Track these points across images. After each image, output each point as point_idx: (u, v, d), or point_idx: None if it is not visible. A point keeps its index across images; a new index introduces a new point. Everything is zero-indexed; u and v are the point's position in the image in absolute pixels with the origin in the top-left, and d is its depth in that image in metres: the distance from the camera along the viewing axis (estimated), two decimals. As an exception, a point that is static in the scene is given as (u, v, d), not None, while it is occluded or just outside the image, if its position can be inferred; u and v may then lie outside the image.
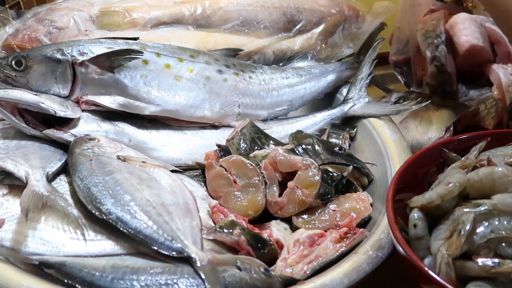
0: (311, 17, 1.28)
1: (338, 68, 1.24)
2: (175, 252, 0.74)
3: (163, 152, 1.01)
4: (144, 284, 0.71)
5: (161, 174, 0.89)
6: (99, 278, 0.71)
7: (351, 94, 1.16)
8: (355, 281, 0.73)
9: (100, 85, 1.00)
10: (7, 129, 0.96)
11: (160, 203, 0.80)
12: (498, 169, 0.73)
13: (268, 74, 1.16)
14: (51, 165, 0.88)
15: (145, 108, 1.02)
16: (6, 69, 0.96)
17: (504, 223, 0.69)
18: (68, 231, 0.78)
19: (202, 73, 1.07)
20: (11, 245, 0.76)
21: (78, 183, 0.83)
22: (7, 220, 0.80)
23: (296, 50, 1.25)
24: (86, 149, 0.89)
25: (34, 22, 1.14)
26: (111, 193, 0.80)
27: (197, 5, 1.21)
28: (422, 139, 1.10)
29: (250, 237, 0.79)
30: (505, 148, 0.82)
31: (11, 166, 0.85)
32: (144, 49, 1.03)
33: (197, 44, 1.16)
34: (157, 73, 1.03)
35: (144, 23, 1.17)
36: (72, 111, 0.96)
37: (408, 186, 0.80)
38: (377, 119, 1.10)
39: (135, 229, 0.76)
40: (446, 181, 0.74)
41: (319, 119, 1.14)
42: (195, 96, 1.05)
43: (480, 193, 0.74)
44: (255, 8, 1.24)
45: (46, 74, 0.98)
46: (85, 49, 0.99)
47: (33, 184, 0.81)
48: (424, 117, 1.14)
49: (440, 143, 0.88)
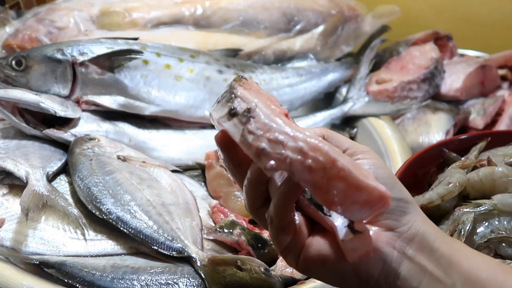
0: (311, 17, 1.28)
1: (338, 68, 1.24)
2: (175, 252, 0.74)
3: (163, 152, 1.01)
4: (144, 283, 0.71)
5: (161, 174, 0.89)
6: (99, 277, 0.71)
7: (351, 94, 1.16)
8: (355, 281, 0.73)
9: (100, 85, 1.00)
10: (7, 129, 0.96)
11: (160, 203, 0.80)
12: (498, 169, 0.73)
13: (268, 74, 1.16)
14: (51, 164, 0.88)
15: (145, 108, 1.02)
16: (6, 69, 0.97)
17: (504, 223, 0.69)
18: (68, 231, 0.78)
19: (202, 73, 1.07)
20: (12, 245, 0.76)
21: (78, 183, 0.83)
22: (7, 220, 0.80)
23: (296, 50, 1.25)
24: (86, 149, 0.89)
25: (34, 22, 1.14)
26: (111, 193, 0.80)
27: (197, 5, 1.20)
28: (423, 141, 1.10)
29: (250, 237, 0.79)
30: (505, 148, 0.82)
31: (11, 166, 0.85)
32: (144, 49, 1.03)
33: (197, 44, 1.16)
34: (157, 73, 1.03)
35: (144, 23, 1.17)
36: (72, 111, 0.96)
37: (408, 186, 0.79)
38: (377, 119, 1.10)
39: (136, 229, 0.76)
40: (446, 181, 0.74)
41: (319, 119, 1.14)
42: (195, 96, 1.05)
43: (480, 193, 0.74)
44: (255, 9, 1.24)
45: (46, 74, 0.98)
46: (85, 49, 0.99)
47: (33, 184, 0.81)
48: (422, 120, 1.14)
49: (440, 143, 0.88)
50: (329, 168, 0.46)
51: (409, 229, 0.50)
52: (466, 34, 1.44)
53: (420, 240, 0.50)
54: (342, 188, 0.46)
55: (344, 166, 0.46)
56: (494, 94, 1.26)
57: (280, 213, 0.50)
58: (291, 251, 0.51)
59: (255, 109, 0.49)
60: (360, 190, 0.46)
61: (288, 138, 0.47)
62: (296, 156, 0.46)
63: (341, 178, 0.46)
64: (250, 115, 0.49)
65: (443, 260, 0.50)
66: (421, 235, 0.50)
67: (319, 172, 0.46)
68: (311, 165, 0.46)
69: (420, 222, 0.51)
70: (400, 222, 0.50)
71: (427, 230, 0.51)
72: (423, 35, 1.34)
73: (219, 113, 0.52)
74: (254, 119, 0.49)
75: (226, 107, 0.51)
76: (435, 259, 0.50)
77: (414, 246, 0.50)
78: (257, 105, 0.49)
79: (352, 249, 0.48)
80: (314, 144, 0.46)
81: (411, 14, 1.46)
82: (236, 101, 0.51)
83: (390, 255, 0.50)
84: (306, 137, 0.47)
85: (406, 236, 0.50)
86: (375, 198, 0.46)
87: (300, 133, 0.47)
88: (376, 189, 0.46)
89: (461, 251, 0.51)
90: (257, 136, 0.48)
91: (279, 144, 0.47)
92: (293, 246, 0.51)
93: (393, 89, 1.18)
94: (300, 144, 0.46)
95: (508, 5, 1.44)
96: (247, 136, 0.48)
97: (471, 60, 1.31)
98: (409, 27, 1.40)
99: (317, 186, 0.46)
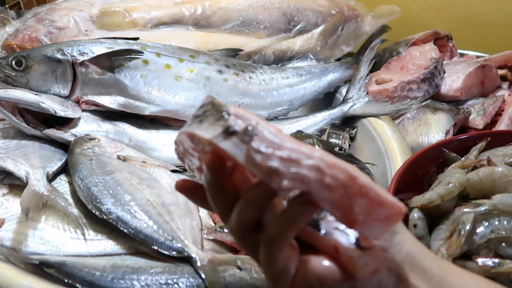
0: (311, 17, 1.28)
1: (338, 68, 1.24)
2: (175, 252, 0.74)
3: (163, 152, 1.01)
4: (144, 283, 0.71)
5: (161, 174, 0.89)
6: (99, 277, 0.71)
7: (351, 94, 1.16)
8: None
9: (100, 85, 1.00)
10: (7, 129, 0.96)
11: (161, 203, 0.80)
12: (498, 169, 0.73)
13: (268, 74, 1.16)
14: (51, 164, 0.88)
15: (145, 108, 1.02)
16: (6, 69, 0.97)
17: (504, 223, 0.69)
18: (68, 231, 0.78)
19: (202, 73, 1.07)
20: (12, 245, 0.76)
21: (78, 183, 0.83)
22: (7, 220, 0.80)
23: (296, 50, 1.25)
24: (86, 149, 0.89)
25: (34, 22, 1.14)
26: (111, 192, 0.80)
27: (197, 5, 1.20)
28: (423, 141, 1.10)
29: (250, 237, 0.79)
30: (505, 148, 0.82)
31: (11, 166, 0.85)
32: (144, 49, 1.03)
33: (197, 44, 1.16)
34: (158, 73, 1.03)
35: (144, 23, 1.17)
36: (72, 111, 0.96)
37: (408, 186, 0.80)
38: (377, 119, 1.10)
39: (136, 229, 0.76)
40: (446, 181, 0.74)
41: (319, 119, 1.14)
42: (195, 96, 1.05)
43: (480, 193, 0.74)
44: (255, 9, 1.24)
45: (46, 74, 0.98)
46: (85, 49, 0.99)
47: (33, 184, 0.81)
48: (422, 120, 1.14)
49: (440, 143, 0.88)
50: (349, 185, 0.45)
51: (401, 250, 0.50)
52: (466, 34, 1.44)
53: (411, 260, 0.50)
54: (365, 205, 0.45)
55: (365, 183, 0.45)
56: (494, 94, 1.26)
57: (285, 236, 0.48)
58: (285, 275, 0.49)
59: (257, 126, 0.46)
60: (382, 205, 0.45)
61: (302, 156, 0.45)
62: (314, 175, 0.45)
63: (363, 195, 0.45)
64: (253, 133, 0.46)
65: (434, 280, 0.50)
66: (412, 256, 0.51)
67: (339, 190, 0.45)
68: (330, 184, 0.45)
69: (410, 243, 0.51)
70: (392, 243, 0.50)
71: (417, 250, 0.51)
72: (423, 35, 1.34)
73: (210, 132, 0.48)
74: (258, 136, 0.46)
75: (218, 125, 0.47)
76: (427, 279, 0.50)
77: (407, 267, 0.50)
78: (258, 122, 0.46)
79: (363, 265, 0.48)
80: (331, 161, 0.45)
81: (411, 14, 1.46)
82: (231, 118, 0.47)
83: (385, 276, 0.50)
84: (321, 154, 0.45)
85: (399, 257, 0.50)
86: (395, 213, 0.46)
87: (314, 151, 0.45)
88: (396, 204, 0.46)
89: (451, 271, 0.52)
90: (266, 155, 0.45)
91: (294, 163, 0.45)
92: (288, 270, 0.49)
93: (393, 89, 1.18)
94: (317, 162, 0.45)
95: (508, 5, 1.44)
96: (254, 156, 0.45)
97: (471, 60, 1.31)
98: (409, 27, 1.40)
99: (337, 204, 0.45)
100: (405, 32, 1.37)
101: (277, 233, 0.48)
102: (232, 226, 0.50)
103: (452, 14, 1.49)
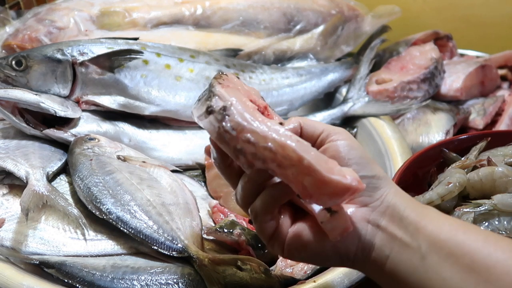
0: (311, 17, 1.28)
1: (338, 68, 1.24)
2: (175, 252, 0.74)
3: (163, 152, 1.01)
4: (144, 284, 0.71)
5: (161, 174, 0.89)
6: (99, 277, 0.71)
7: (351, 94, 1.16)
8: (355, 280, 0.73)
9: (100, 85, 1.00)
10: (7, 129, 0.96)
11: (161, 203, 0.80)
12: (498, 169, 0.73)
13: (268, 74, 1.16)
14: (51, 164, 0.88)
15: (145, 108, 1.02)
16: (6, 69, 0.96)
17: (504, 223, 0.69)
18: (68, 231, 0.78)
19: (202, 73, 1.07)
20: (12, 245, 0.76)
21: (78, 183, 0.83)
22: (7, 220, 0.80)
23: (296, 50, 1.25)
24: (86, 149, 0.89)
25: (34, 22, 1.14)
26: (111, 193, 0.80)
27: (197, 5, 1.20)
28: (423, 141, 1.10)
29: (250, 237, 0.79)
30: (505, 148, 0.82)
31: (11, 166, 0.85)
32: (144, 49, 1.03)
33: (197, 44, 1.16)
34: (158, 73, 1.03)
35: (144, 23, 1.17)
36: (72, 111, 0.96)
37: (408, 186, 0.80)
38: (377, 119, 1.10)
39: (136, 229, 0.76)
40: (446, 181, 0.74)
41: (319, 119, 1.14)
42: (196, 96, 1.05)
43: (480, 193, 0.74)
44: (255, 9, 1.24)
45: (46, 74, 0.97)
46: (85, 49, 0.99)
47: (33, 184, 0.81)
48: (422, 120, 1.15)
49: (440, 143, 0.88)
50: (298, 165, 0.50)
51: (382, 203, 0.54)
52: (466, 34, 1.44)
53: (391, 211, 0.54)
54: (311, 182, 0.50)
55: (310, 163, 0.49)
56: (494, 94, 1.26)
57: (265, 211, 0.54)
58: (276, 241, 0.55)
59: (230, 107, 0.52)
60: (326, 184, 0.49)
61: (258, 138, 0.51)
62: (268, 155, 0.50)
63: (308, 174, 0.50)
64: (226, 113, 0.52)
65: (411, 227, 0.53)
66: (392, 207, 0.54)
67: (291, 168, 0.50)
68: (282, 163, 0.50)
69: (391, 194, 0.55)
70: (373, 198, 0.54)
71: (397, 201, 0.54)
72: (423, 35, 1.34)
73: (198, 111, 0.55)
74: (229, 117, 0.52)
75: (205, 105, 0.54)
76: (404, 226, 0.53)
77: (387, 218, 0.54)
78: (232, 103, 0.52)
79: (332, 228, 0.52)
80: (282, 142, 0.50)
81: (411, 14, 1.46)
82: (214, 99, 0.54)
83: (364, 230, 0.54)
84: (275, 135, 0.50)
85: (379, 209, 0.54)
86: (340, 190, 0.50)
87: (270, 131, 0.51)
88: (340, 182, 0.49)
89: (428, 216, 0.54)
90: (232, 136, 0.51)
91: (252, 144, 0.51)
92: (278, 237, 0.55)
93: (393, 89, 1.18)
94: (269, 144, 0.50)
95: (508, 5, 1.44)
96: (224, 135, 0.52)
97: (471, 60, 1.31)
98: (409, 27, 1.41)
99: (290, 181, 0.51)
100: (405, 32, 1.37)
101: (260, 208, 0.54)
102: (237, 198, 0.57)
103: (452, 14, 1.49)
